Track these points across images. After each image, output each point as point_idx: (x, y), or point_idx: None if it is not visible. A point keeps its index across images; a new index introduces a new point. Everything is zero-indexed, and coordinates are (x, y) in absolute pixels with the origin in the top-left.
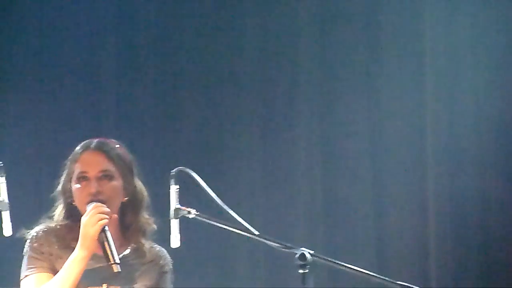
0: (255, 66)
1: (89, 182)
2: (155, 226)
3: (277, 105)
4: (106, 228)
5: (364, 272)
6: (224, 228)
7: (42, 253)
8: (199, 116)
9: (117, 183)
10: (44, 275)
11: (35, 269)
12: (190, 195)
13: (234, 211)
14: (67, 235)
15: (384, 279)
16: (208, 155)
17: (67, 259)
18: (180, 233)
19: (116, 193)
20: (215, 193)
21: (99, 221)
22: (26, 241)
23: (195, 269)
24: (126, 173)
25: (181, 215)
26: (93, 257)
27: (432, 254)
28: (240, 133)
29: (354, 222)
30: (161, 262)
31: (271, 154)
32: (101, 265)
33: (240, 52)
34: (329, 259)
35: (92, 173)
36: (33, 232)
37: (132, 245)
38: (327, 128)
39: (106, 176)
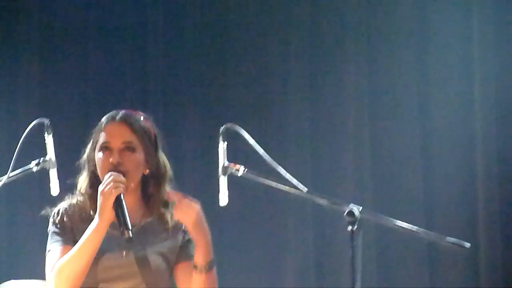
0: (302, 22)
1: (111, 153)
2: (175, 200)
3: (325, 61)
4: (122, 196)
5: (413, 229)
6: (273, 185)
7: (64, 227)
8: (247, 72)
9: (139, 155)
10: (67, 248)
11: (57, 242)
12: (238, 152)
13: (282, 168)
14: (90, 207)
15: (432, 235)
16: (256, 112)
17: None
18: (228, 190)
19: (137, 166)
20: (263, 150)
21: (114, 189)
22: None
23: (243, 227)
24: (149, 146)
25: (229, 172)
26: (113, 224)
27: (480, 210)
28: (287, 90)
29: (402, 178)
30: (180, 227)
31: (319, 111)
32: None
33: (289, 10)
34: (378, 215)
35: (115, 144)
36: (55, 209)
37: (154, 215)
38: (375, 82)
39: (128, 148)
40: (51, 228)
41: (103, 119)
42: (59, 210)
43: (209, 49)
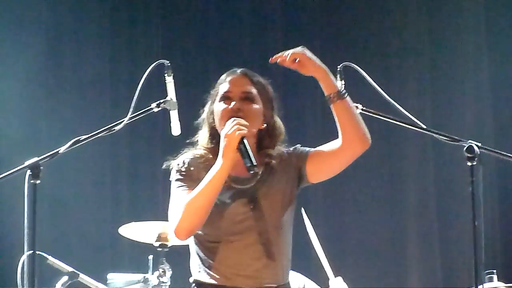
0: None
1: (231, 101)
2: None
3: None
4: (245, 139)
5: None
6: (392, 122)
7: (190, 175)
8: (365, 11)
9: (258, 106)
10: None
11: (182, 187)
12: (356, 90)
13: (400, 105)
14: (212, 160)
15: None
16: (373, 50)
17: None
18: None
19: (256, 115)
20: (381, 87)
21: (238, 131)
22: (171, 169)
23: (362, 164)
24: (267, 102)
25: None
26: (239, 180)
27: None
28: (406, 27)
29: None
30: (285, 154)
31: (438, 48)
32: (247, 186)
33: None
34: (497, 151)
35: (235, 92)
36: (179, 160)
37: (265, 165)
38: (494, 19)
39: (248, 98)
40: (175, 176)
41: (224, 74)
42: (183, 160)
43: None
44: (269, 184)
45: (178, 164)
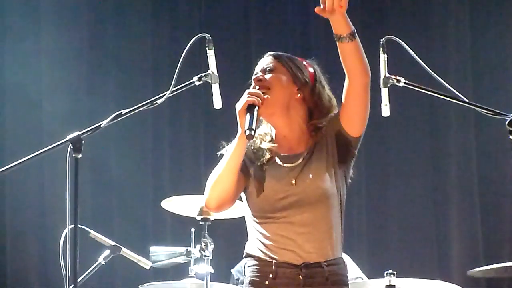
0: None
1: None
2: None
3: None
4: (256, 108)
5: None
6: (434, 96)
7: None
8: None
9: (280, 75)
10: None
11: None
12: (398, 63)
13: (442, 79)
14: (257, 145)
15: None
16: (415, 23)
17: (258, 163)
18: (389, 102)
19: (278, 81)
20: (423, 61)
21: (244, 98)
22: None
23: (405, 138)
24: (295, 70)
25: (390, 84)
26: (288, 158)
27: None
28: (448, 1)
29: None
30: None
31: (480, 20)
32: (295, 164)
33: None
34: None
35: (259, 70)
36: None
37: (312, 138)
38: None
39: (267, 69)
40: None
41: None
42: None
43: None
44: (315, 158)
45: (227, 147)
